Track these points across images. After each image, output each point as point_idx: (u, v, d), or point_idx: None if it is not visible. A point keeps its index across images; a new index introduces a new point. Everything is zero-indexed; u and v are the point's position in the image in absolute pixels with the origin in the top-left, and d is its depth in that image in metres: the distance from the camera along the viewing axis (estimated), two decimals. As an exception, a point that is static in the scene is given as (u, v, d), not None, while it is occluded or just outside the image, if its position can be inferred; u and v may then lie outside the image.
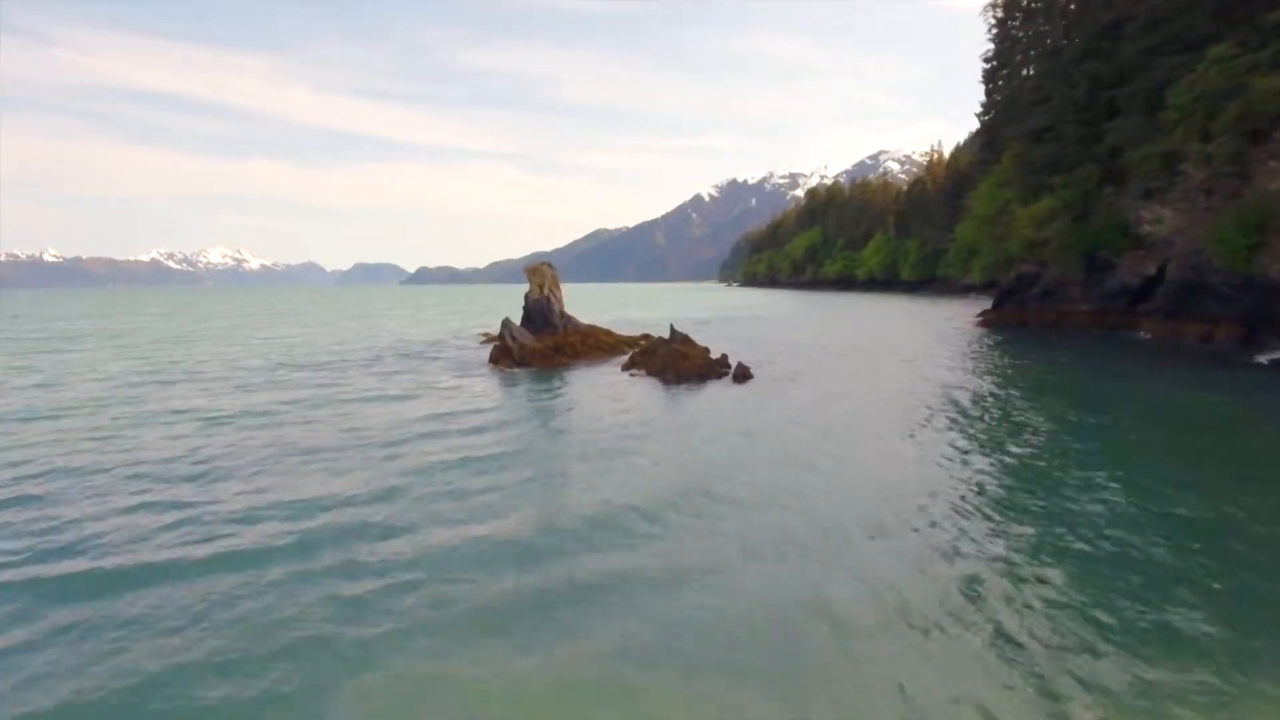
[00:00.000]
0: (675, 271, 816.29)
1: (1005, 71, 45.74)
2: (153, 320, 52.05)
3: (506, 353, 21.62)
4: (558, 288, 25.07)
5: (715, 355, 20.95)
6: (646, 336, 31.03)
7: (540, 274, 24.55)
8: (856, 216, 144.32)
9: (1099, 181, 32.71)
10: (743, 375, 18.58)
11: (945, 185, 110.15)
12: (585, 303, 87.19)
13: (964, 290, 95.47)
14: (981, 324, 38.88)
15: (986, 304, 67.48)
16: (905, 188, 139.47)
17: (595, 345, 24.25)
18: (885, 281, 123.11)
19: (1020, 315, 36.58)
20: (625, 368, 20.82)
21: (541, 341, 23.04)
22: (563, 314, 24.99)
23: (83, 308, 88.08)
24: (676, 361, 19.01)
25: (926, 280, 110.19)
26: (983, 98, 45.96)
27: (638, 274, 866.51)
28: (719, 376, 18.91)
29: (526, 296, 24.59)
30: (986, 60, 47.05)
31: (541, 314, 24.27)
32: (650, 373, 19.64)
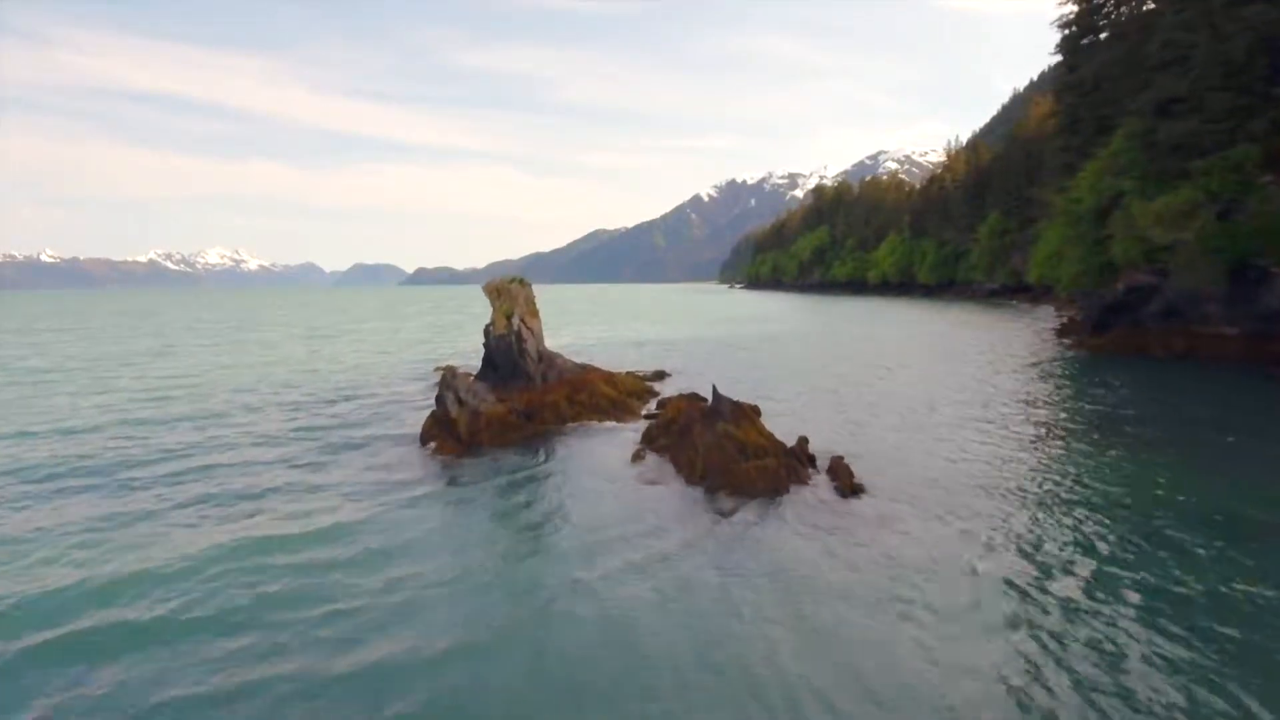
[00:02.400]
0: (675, 272, 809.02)
1: (1088, 40, 37.67)
2: (49, 342, 43.15)
3: (447, 428, 13.47)
4: (534, 315, 16.89)
5: (774, 425, 12.89)
6: (662, 376, 22.95)
7: (507, 296, 16.35)
8: (867, 216, 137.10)
9: (1258, 166, 24.70)
10: (847, 485, 10.49)
11: (966, 183, 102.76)
12: (582, 308, 78.94)
13: (989, 295, 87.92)
14: (1078, 346, 30.82)
15: (1022, 311, 59.81)
16: (918, 185, 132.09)
17: (589, 404, 16.12)
18: (900, 284, 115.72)
19: (1138, 340, 28.46)
20: (637, 456, 12.69)
21: (507, 402, 14.90)
22: (541, 354, 16.82)
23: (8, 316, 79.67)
24: (728, 457, 10.89)
25: (945, 284, 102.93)
26: (1065, 71, 37.77)
27: (637, 274, 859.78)
28: (803, 481, 10.81)
29: (487, 331, 16.43)
30: (1063, 26, 38.99)
31: (509, 356, 16.12)
32: (680, 468, 11.56)
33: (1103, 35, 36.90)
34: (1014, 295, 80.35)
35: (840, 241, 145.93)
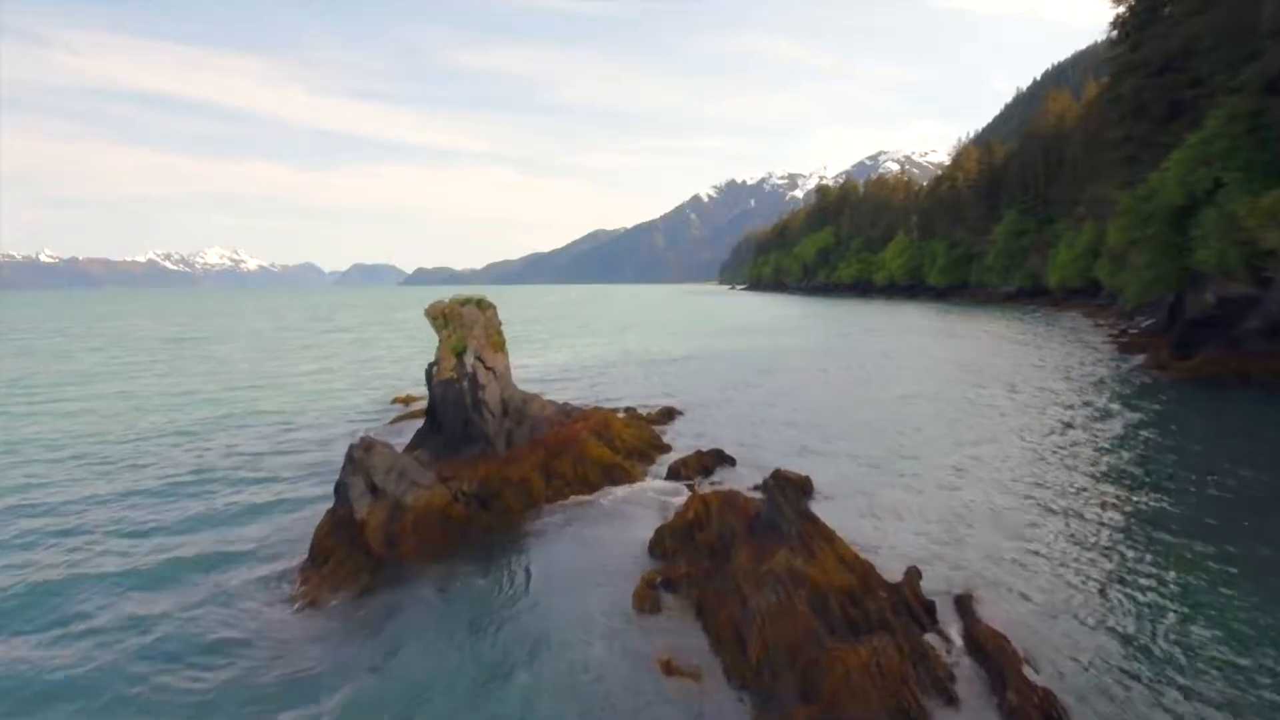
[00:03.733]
0: (674, 272, 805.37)
1: (1148, 14, 33.02)
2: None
3: (350, 535, 8.73)
4: (498, 347, 12.15)
5: (836, 518, 8.22)
6: (670, 415, 18.17)
7: (458, 323, 11.60)
8: (873, 216, 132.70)
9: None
10: (1024, 699, 5.78)
11: (978, 181, 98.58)
12: (579, 312, 74.20)
13: (1005, 299, 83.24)
14: (1160, 368, 26.09)
15: (1049, 317, 54.82)
16: (926, 185, 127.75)
17: (574, 475, 11.38)
18: (908, 287, 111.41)
19: (1237, 362, 23.72)
20: (644, 595, 7.91)
21: (453, 481, 10.16)
22: (507, 403, 12.06)
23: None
24: (805, 631, 6.19)
25: (956, 286, 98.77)
26: (1127, 50, 33.08)
27: (637, 275, 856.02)
28: (940, 683, 6.07)
29: (429, 374, 11.69)
30: (1119, 0, 34.39)
31: (459, 410, 11.40)
32: (720, 641, 6.84)
33: (1167, 10, 32.30)
34: (1032, 299, 75.95)
35: (845, 242, 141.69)
